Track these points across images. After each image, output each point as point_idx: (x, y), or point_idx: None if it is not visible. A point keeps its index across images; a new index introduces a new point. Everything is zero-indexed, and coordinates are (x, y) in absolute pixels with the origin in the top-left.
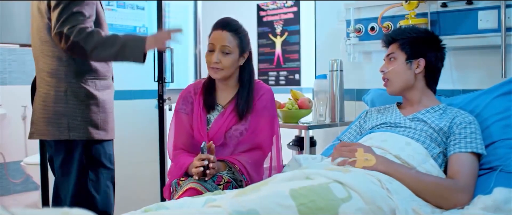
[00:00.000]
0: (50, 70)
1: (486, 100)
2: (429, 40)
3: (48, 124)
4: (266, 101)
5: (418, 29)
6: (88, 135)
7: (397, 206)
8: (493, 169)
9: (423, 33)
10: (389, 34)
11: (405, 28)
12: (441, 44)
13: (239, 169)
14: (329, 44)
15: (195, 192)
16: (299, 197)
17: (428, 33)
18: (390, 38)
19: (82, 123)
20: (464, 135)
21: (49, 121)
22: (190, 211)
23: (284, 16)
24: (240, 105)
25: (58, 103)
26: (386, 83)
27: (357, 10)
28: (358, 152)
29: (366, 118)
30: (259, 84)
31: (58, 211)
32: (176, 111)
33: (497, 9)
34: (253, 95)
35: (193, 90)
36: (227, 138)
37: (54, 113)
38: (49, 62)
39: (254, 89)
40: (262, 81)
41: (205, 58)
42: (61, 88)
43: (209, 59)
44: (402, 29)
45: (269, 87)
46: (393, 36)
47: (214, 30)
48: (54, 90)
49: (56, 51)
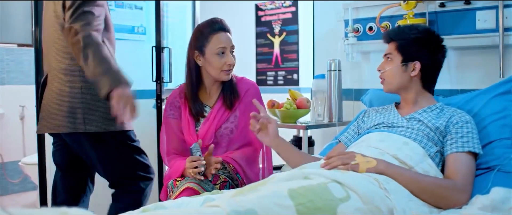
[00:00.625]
0: (63, 68)
1: (484, 100)
2: (427, 41)
3: (63, 118)
4: (253, 96)
5: (418, 29)
6: (105, 128)
7: (395, 206)
8: (491, 169)
9: (422, 33)
10: (388, 32)
11: (404, 27)
12: (441, 44)
13: (233, 168)
14: (327, 44)
15: (192, 192)
16: (298, 197)
17: (427, 33)
18: (389, 37)
19: (98, 116)
20: (460, 134)
21: (64, 115)
22: (189, 211)
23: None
24: (227, 98)
25: (73, 98)
26: (383, 82)
27: (355, 10)
28: (357, 156)
29: (364, 118)
30: (243, 80)
31: (56, 210)
32: (165, 117)
33: (495, 9)
34: (236, 85)
35: (178, 95)
36: (218, 137)
37: (69, 107)
38: (61, 61)
39: (239, 84)
40: (256, 80)
41: (213, 63)
42: (75, 84)
43: (220, 62)
44: (401, 29)
45: (254, 82)
46: (392, 36)
47: (217, 33)
48: (69, 86)
49: (69, 49)
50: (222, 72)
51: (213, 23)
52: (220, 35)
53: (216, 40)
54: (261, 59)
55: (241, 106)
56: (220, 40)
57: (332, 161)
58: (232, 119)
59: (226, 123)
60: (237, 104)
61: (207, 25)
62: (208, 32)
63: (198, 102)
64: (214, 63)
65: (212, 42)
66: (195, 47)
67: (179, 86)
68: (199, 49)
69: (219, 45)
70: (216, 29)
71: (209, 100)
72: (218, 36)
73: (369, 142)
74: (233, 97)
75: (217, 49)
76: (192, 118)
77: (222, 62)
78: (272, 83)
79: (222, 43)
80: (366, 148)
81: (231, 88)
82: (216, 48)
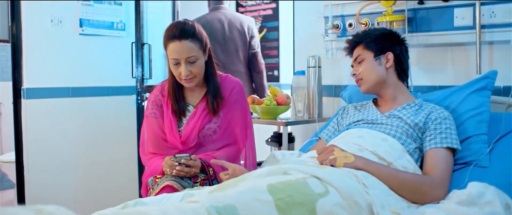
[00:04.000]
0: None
1: (461, 96)
2: (390, 35)
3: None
4: (237, 94)
5: (377, 29)
6: None
7: (373, 201)
8: (468, 164)
9: (383, 30)
10: (350, 39)
11: (364, 30)
12: (401, 38)
13: (213, 173)
14: (307, 41)
15: (171, 190)
16: (277, 192)
17: (387, 30)
18: (354, 42)
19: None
20: (439, 130)
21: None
22: (168, 207)
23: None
24: (211, 101)
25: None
26: (360, 82)
27: (335, 6)
28: (335, 150)
29: (343, 114)
30: (227, 78)
31: (31, 208)
32: (146, 116)
33: (472, 6)
34: (220, 87)
35: (160, 93)
36: (201, 137)
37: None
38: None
39: (223, 83)
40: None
41: (172, 71)
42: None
43: (176, 72)
44: (361, 33)
45: (238, 80)
46: (356, 40)
47: (170, 41)
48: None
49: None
50: (183, 81)
51: (172, 29)
52: (174, 44)
53: (170, 49)
54: None
55: (225, 106)
56: (172, 51)
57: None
58: (215, 120)
59: (209, 123)
60: (221, 105)
61: (168, 30)
62: (166, 38)
63: (181, 101)
64: (173, 71)
65: (168, 50)
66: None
67: (160, 83)
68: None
69: (172, 56)
70: (170, 37)
71: (192, 99)
72: (173, 45)
73: (349, 138)
74: (217, 101)
75: (171, 59)
76: (174, 117)
77: (177, 72)
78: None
79: (174, 55)
80: (345, 144)
81: (215, 90)
82: (170, 58)
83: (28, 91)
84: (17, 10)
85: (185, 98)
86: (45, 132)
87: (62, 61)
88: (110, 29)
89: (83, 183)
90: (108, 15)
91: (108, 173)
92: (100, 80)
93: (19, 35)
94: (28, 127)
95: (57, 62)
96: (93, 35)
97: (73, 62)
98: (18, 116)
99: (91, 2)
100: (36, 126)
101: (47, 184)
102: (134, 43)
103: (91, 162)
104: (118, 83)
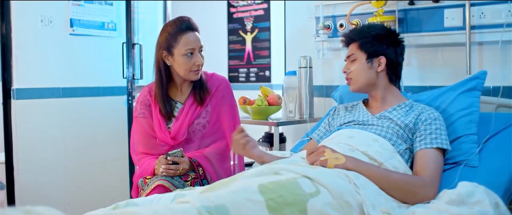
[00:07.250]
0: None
1: (452, 96)
2: (386, 36)
3: None
4: (224, 90)
5: (375, 26)
6: None
7: (364, 200)
8: (458, 163)
9: (381, 30)
10: (347, 34)
11: (362, 26)
12: (398, 38)
13: (203, 172)
14: (299, 41)
15: (163, 190)
16: (268, 192)
17: (385, 29)
18: (349, 38)
19: None
20: (429, 131)
21: None
22: (159, 207)
23: (255, 12)
24: (198, 93)
25: None
26: (349, 82)
27: (326, 7)
28: (326, 152)
29: (334, 115)
30: (214, 76)
31: (20, 209)
32: (135, 117)
33: (462, 7)
34: (207, 82)
35: (148, 93)
36: (191, 133)
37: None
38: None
39: (210, 81)
40: (228, 76)
41: (182, 64)
42: None
43: (189, 63)
44: (359, 29)
45: (224, 77)
46: (351, 37)
47: (185, 33)
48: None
49: None
50: (191, 72)
51: (180, 22)
52: (188, 35)
53: (184, 41)
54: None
55: (212, 100)
56: (188, 41)
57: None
58: (204, 115)
59: (198, 118)
60: (209, 99)
61: (174, 25)
62: (176, 32)
63: (168, 101)
64: (183, 64)
65: (180, 43)
66: (164, 48)
67: (148, 85)
68: (168, 49)
69: (188, 47)
70: (183, 29)
71: (180, 96)
72: (187, 36)
73: (340, 139)
74: (204, 93)
75: (186, 50)
76: (162, 117)
77: (191, 63)
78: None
79: (190, 44)
80: (336, 145)
81: (201, 85)
82: (184, 49)
83: (18, 91)
84: (6, 10)
85: (173, 96)
86: (35, 132)
87: (52, 61)
88: (101, 29)
89: (74, 183)
90: (99, 15)
91: (99, 173)
92: (91, 81)
93: (8, 35)
94: (18, 128)
95: (47, 62)
96: (83, 35)
97: (63, 63)
98: (8, 117)
99: (82, 2)
100: (26, 126)
101: (37, 185)
102: (125, 44)
103: (82, 162)
104: (109, 84)
